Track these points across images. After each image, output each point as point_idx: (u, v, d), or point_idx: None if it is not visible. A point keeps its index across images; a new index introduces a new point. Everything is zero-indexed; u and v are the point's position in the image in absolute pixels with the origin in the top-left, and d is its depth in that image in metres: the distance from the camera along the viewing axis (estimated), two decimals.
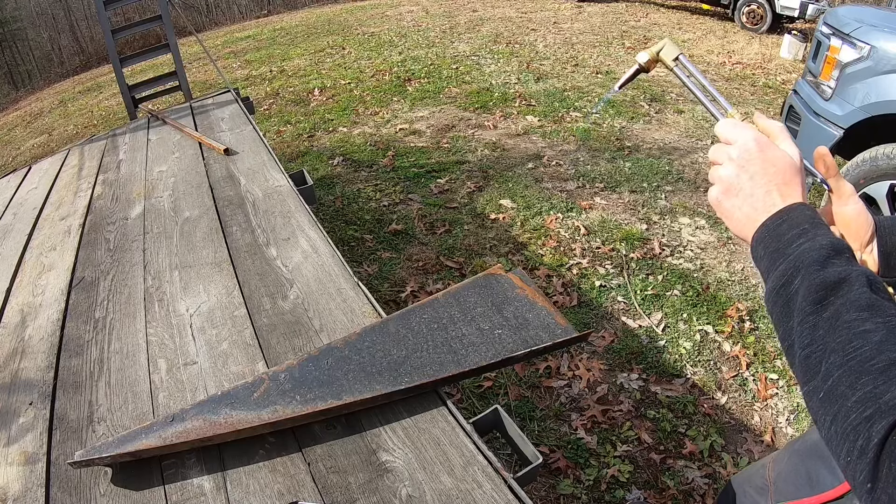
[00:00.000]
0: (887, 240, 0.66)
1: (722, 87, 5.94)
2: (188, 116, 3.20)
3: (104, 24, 3.40)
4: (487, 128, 4.95)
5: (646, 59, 0.79)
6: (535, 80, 6.09)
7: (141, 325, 1.55)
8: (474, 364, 1.21)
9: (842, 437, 0.43)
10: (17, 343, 1.56)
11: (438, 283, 2.96)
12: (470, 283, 1.41)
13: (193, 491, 1.07)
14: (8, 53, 12.27)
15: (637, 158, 4.25)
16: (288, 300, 1.57)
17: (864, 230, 0.66)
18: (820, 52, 2.95)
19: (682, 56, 0.76)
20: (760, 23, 8.16)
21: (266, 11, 13.86)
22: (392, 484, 1.05)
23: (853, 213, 0.66)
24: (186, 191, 2.30)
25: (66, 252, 2.00)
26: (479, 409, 2.21)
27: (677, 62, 0.76)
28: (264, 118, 5.65)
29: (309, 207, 2.03)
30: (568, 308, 2.77)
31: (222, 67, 7.83)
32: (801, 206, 0.56)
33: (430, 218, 3.58)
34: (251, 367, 1.35)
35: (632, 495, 1.93)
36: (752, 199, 0.58)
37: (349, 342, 1.29)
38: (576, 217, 3.51)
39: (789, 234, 0.54)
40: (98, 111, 7.72)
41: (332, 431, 1.17)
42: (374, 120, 5.30)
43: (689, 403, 2.25)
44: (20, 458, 1.19)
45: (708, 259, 3.12)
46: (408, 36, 8.47)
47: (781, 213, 0.56)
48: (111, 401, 1.30)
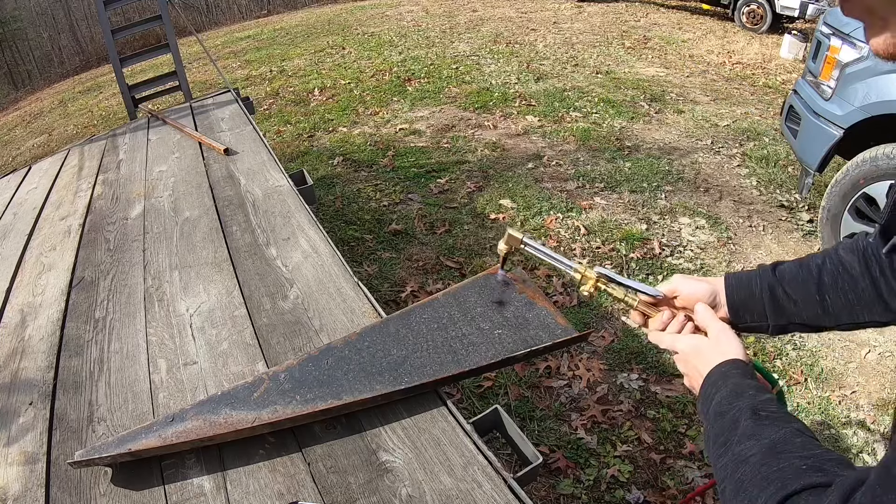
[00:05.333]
0: (735, 296, 0.82)
1: (722, 87, 5.94)
2: (188, 116, 3.20)
3: (104, 24, 3.40)
4: (487, 128, 4.95)
5: (503, 249, 0.99)
6: (535, 80, 6.09)
7: (141, 325, 1.55)
8: (474, 364, 1.21)
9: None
10: (17, 343, 1.56)
11: (438, 283, 2.96)
12: (470, 283, 1.41)
13: (193, 491, 1.07)
14: (8, 53, 12.26)
15: (637, 158, 4.25)
16: (288, 300, 1.57)
17: (694, 303, 0.83)
18: (820, 52, 2.95)
19: (525, 237, 0.96)
20: (760, 23, 8.16)
21: (266, 11, 13.85)
22: (392, 484, 1.05)
23: (689, 297, 0.83)
24: (186, 191, 2.30)
25: (66, 252, 2.00)
26: (479, 409, 2.21)
27: (524, 243, 0.95)
28: (264, 118, 5.65)
29: (309, 207, 2.03)
30: (568, 308, 2.77)
31: (222, 67, 7.83)
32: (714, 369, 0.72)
33: (430, 218, 3.58)
34: (251, 367, 1.35)
35: (632, 495, 1.93)
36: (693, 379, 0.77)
37: (349, 342, 1.29)
38: (576, 217, 3.51)
39: (708, 392, 0.71)
40: (98, 111, 7.72)
41: (332, 431, 1.17)
42: (374, 120, 5.30)
43: (689, 403, 2.25)
44: (20, 458, 1.19)
45: (708, 259, 3.12)
46: (408, 36, 8.47)
47: (704, 379, 0.73)
48: (111, 401, 1.30)
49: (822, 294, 0.78)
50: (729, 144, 4.49)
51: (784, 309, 0.80)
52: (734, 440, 0.60)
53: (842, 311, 0.78)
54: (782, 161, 4.12)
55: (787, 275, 0.80)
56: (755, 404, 0.63)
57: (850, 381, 2.38)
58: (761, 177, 3.95)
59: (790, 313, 0.80)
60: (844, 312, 0.78)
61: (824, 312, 0.78)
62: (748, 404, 0.63)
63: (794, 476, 0.52)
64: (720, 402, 0.66)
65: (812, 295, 0.78)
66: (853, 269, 0.77)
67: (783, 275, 0.81)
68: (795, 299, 0.79)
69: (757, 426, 0.60)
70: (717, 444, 0.63)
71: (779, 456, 0.55)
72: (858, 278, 0.76)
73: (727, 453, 0.60)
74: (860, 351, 2.51)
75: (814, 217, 3.43)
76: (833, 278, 0.78)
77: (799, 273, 0.80)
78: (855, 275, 0.77)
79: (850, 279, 0.77)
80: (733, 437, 0.61)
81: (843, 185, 2.69)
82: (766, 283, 0.81)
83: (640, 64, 6.72)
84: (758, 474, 0.55)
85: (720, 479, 0.60)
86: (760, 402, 0.63)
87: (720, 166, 4.15)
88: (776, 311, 0.80)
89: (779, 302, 0.80)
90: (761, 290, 0.81)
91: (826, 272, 0.78)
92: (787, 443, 0.57)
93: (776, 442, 0.57)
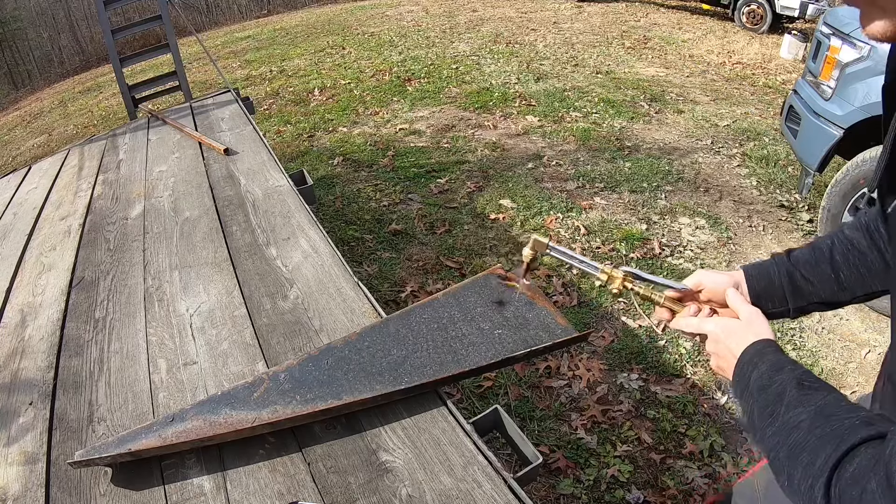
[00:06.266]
0: (756, 285, 0.87)
1: (722, 87, 5.94)
2: (188, 116, 3.20)
3: (104, 24, 3.40)
4: (487, 128, 4.95)
5: (528, 255, 1.02)
6: (535, 80, 6.09)
7: (141, 325, 1.55)
8: (474, 364, 1.21)
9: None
10: (17, 343, 1.56)
11: (438, 283, 2.96)
12: (470, 283, 1.41)
13: (193, 491, 1.07)
14: (8, 53, 12.25)
15: (637, 158, 4.25)
16: (288, 300, 1.57)
17: (720, 294, 0.86)
18: (820, 52, 2.95)
19: (550, 243, 0.98)
20: (760, 23, 8.16)
21: (266, 11, 13.84)
22: (392, 484, 1.05)
23: (713, 289, 0.87)
24: (186, 191, 2.30)
25: (66, 252, 2.00)
26: (479, 409, 2.21)
27: (550, 248, 0.98)
28: (264, 118, 5.65)
29: (309, 207, 2.03)
30: (568, 308, 2.77)
31: (222, 67, 7.82)
32: (748, 348, 0.74)
33: (430, 218, 3.58)
34: (251, 367, 1.35)
35: (632, 495, 1.93)
36: (725, 359, 0.79)
37: (349, 342, 1.29)
38: (576, 217, 3.51)
39: (744, 369, 0.72)
40: (98, 111, 7.72)
41: (332, 431, 1.17)
42: (374, 120, 5.30)
43: (689, 403, 2.25)
44: (20, 458, 1.19)
45: (708, 259, 3.12)
46: (408, 36, 8.47)
47: (739, 358, 0.75)
48: (111, 401, 1.30)
49: (836, 272, 0.84)
50: (729, 144, 4.49)
51: (803, 291, 0.85)
52: (781, 410, 0.62)
53: (856, 285, 0.83)
54: (782, 161, 4.12)
55: (801, 259, 0.86)
56: (798, 375, 0.65)
57: (850, 381, 2.38)
58: (761, 177, 3.95)
59: (808, 294, 0.85)
60: (858, 285, 0.83)
61: (840, 289, 0.84)
62: (790, 377, 0.65)
63: (851, 432, 0.54)
64: (761, 377, 0.68)
65: (828, 274, 0.84)
66: (861, 244, 0.83)
67: (798, 260, 0.86)
68: (812, 280, 0.85)
69: (802, 395, 0.62)
70: (763, 416, 0.64)
71: (829, 418, 0.57)
72: (867, 252, 0.83)
73: (775, 422, 0.62)
74: (860, 351, 2.51)
75: (814, 217, 3.43)
76: (844, 256, 0.84)
77: (812, 256, 0.86)
78: (863, 249, 0.83)
79: (860, 254, 0.83)
80: (779, 408, 0.62)
81: (843, 185, 2.69)
82: (783, 269, 0.86)
83: (640, 64, 6.72)
84: (812, 436, 0.57)
85: (770, 448, 0.62)
86: (802, 374, 0.65)
87: (720, 166, 4.15)
88: (796, 294, 0.86)
89: (797, 285, 0.85)
90: (780, 276, 0.86)
91: (837, 251, 0.84)
92: (835, 406, 0.59)
93: (824, 406, 0.59)
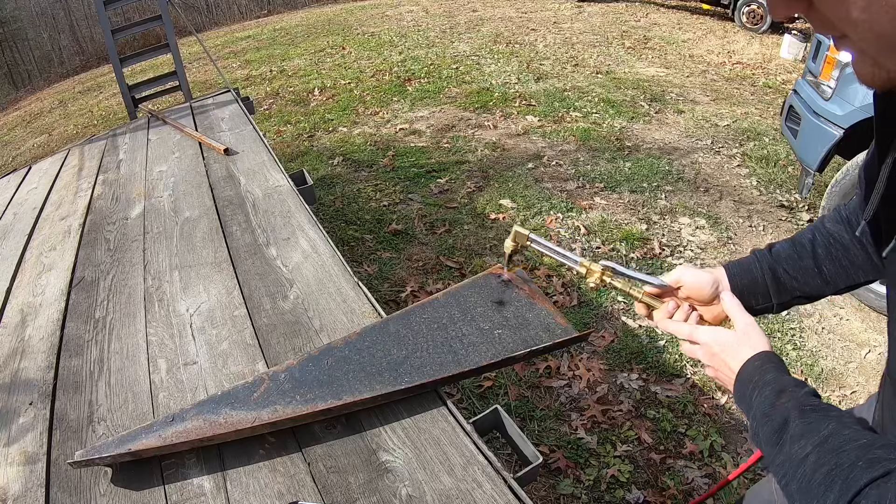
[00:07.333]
0: (738, 283, 0.85)
1: (722, 87, 5.94)
2: (188, 116, 3.20)
3: (104, 24, 3.40)
4: (487, 128, 4.95)
5: (510, 246, 1.02)
6: (535, 80, 6.09)
7: (141, 325, 1.55)
8: (474, 364, 1.21)
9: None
10: (17, 343, 1.56)
11: (438, 283, 2.96)
12: (470, 282, 1.41)
13: (193, 491, 1.07)
14: (8, 53, 12.26)
15: (637, 158, 4.25)
16: (288, 300, 1.57)
17: (706, 291, 0.84)
18: (820, 52, 2.95)
19: (531, 234, 0.99)
20: (760, 23, 8.16)
21: (266, 11, 13.85)
22: (392, 484, 1.05)
23: (693, 286, 0.85)
24: (186, 191, 2.30)
25: (66, 252, 2.00)
26: (479, 409, 2.21)
27: (530, 239, 0.98)
28: (264, 118, 5.65)
29: (309, 207, 2.03)
30: (568, 308, 2.77)
31: (222, 67, 7.83)
32: (746, 364, 0.73)
33: (430, 218, 3.58)
34: (251, 367, 1.35)
35: (632, 495, 1.93)
36: (721, 372, 0.79)
37: (349, 342, 1.28)
38: (576, 217, 3.51)
39: (744, 388, 0.72)
40: (98, 111, 7.72)
41: (332, 431, 1.17)
42: (374, 120, 5.30)
43: (689, 403, 2.25)
44: (20, 458, 1.19)
45: (708, 259, 3.12)
46: (408, 36, 8.47)
47: (738, 374, 0.74)
48: (111, 401, 1.30)
49: (819, 266, 0.84)
50: (729, 144, 4.49)
51: (786, 286, 0.85)
52: (786, 438, 0.62)
53: (839, 278, 0.83)
54: (782, 161, 4.12)
55: (783, 254, 0.86)
56: (800, 400, 0.64)
57: (850, 381, 2.38)
58: (761, 177, 3.95)
59: (791, 289, 0.85)
60: (841, 278, 0.83)
61: (823, 282, 0.84)
62: (794, 404, 0.64)
63: (857, 473, 0.55)
64: (763, 402, 0.67)
65: (811, 268, 0.84)
66: (842, 237, 0.83)
67: (779, 255, 0.86)
68: (795, 276, 0.85)
69: (806, 425, 0.62)
70: (769, 442, 0.65)
71: (835, 453, 0.58)
72: (849, 245, 0.82)
73: (781, 451, 0.63)
74: (860, 351, 2.51)
75: (814, 217, 3.43)
76: (826, 249, 0.83)
77: (794, 251, 0.86)
78: (845, 242, 0.83)
79: (842, 247, 0.83)
80: (785, 437, 0.63)
81: (843, 185, 2.69)
82: (766, 266, 0.86)
83: (640, 64, 6.72)
84: (818, 474, 0.58)
85: (780, 476, 0.63)
86: (803, 397, 0.65)
87: (720, 166, 4.15)
88: (779, 289, 0.85)
89: (781, 281, 0.85)
90: (763, 273, 0.86)
91: (818, 245, 0.84)
92: (838, 437, 0.59)
93: (827, 437, 0.59)
